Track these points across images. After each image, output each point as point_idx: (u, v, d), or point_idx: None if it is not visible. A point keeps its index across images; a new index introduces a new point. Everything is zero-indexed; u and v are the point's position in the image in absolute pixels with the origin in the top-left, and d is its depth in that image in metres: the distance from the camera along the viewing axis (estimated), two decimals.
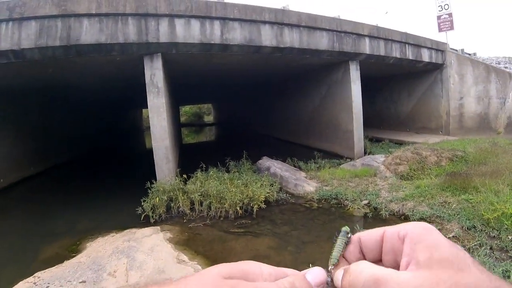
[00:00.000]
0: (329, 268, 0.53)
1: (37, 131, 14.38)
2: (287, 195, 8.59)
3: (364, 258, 0.54)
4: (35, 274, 4.94)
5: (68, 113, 18.16)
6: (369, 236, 0.53)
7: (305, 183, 9.04)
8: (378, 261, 0.52)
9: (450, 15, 17.73)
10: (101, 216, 8.10)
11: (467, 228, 5.52)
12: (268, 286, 0.46)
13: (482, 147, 10.17)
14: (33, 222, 8.10)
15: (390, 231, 0.50)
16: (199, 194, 7.69)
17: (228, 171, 9.48)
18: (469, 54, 17.62)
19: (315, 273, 0.50)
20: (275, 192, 8.32)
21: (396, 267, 0.48)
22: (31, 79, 10.99)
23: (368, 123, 14.15)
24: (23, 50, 7.53)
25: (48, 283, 4.64)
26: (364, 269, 0.46)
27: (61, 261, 5.43)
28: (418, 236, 0.46)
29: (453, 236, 5.41)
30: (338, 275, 0.50)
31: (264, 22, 9.73)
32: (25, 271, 5.13)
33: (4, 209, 9.56)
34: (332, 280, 0.51)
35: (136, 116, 40.66)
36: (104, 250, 5.76)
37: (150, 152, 9.11)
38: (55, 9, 7.54)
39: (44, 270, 5.07)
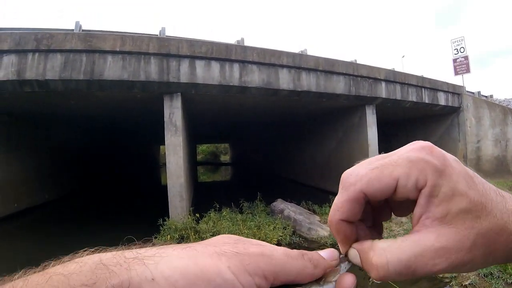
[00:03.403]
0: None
1: (54, 160, 14.69)
2: (300, 238, 8.46)
3: (372, 212, 0.52)
4: None
5: (86, 144, 18.55)
6: (378, 191, 0.45)
7: (319, 227, 8.91)
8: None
9: (466, 58, 17.85)
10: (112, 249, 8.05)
11: (484, 275, 5.44)
12: (276, 246, 0.44)
13: None
14: (41, 249, 8.08)
15: (408, 185, 0.44)
16: (211, 234, 7.63)
17: (241, 212, 9.41)
18: (486, 97, 17.59)
19: (328, 250, 0.48)
20: (288, 236, 8.20)
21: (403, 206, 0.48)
22: (53, 108, 11.28)
23: None
24: (47, 81, 7.79)
25: None
26: (387, 250, 0.43)
27: None
28: (433, 187, 0.43)
29: (469, 284, 5.32)
30: (354, 254, 0.47)
31: (282, 66, 9.92)
32: None
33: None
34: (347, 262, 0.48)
35: (153, 152, 41.13)
36: None
37: (164, 188, 9.15)
38: (80, 44, 7.86)
39: None
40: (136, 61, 8.37)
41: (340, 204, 0.48)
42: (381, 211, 0.52)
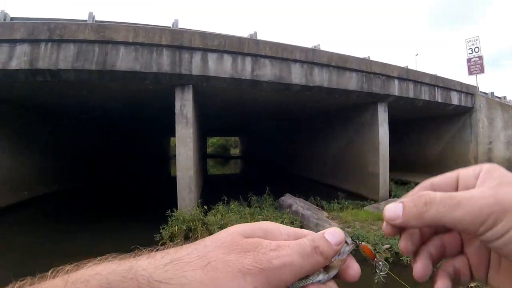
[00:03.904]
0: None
1: (66, 151, 14.87)
2: None
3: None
4: None
5: (98, 136, 18.75)
6: (443, 180, 0.51)
7: (326, 223, 8.88)
8: None
9: (480, 58, 17.59)
10: (119, 240, 8.09)
11: None
12: (289, 243, 0.45)
13: None
14: (53, 243, 8.17)
15: (465, 172, 0.49)
16: (218, 226, 7.65)
17: (249, 206, 9.42)
18: (499, 98, 17.32)
19: (334, 232, 0.49)
20: None
21: None
22: (65, 99, 11.37)
23: (394, 165, 13.92)
24: (60, 71, 7.85)
25: None
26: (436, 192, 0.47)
27: None
28: (490, 170, 0.47)
29: (475, 286, 5.23)
30: (394, 204, 0.49)
31: (295, 61, 9.87)
32: None
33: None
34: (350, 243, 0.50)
35: (163, 144, 41.36)
36: None
37: (174, 179, 9.20)
38: (93, 34, 7.91)
39: None
40: (149, 53, 8.39)
41: (411, 193, 0.51)
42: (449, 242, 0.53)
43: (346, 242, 0.49)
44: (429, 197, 0.46)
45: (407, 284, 6.02)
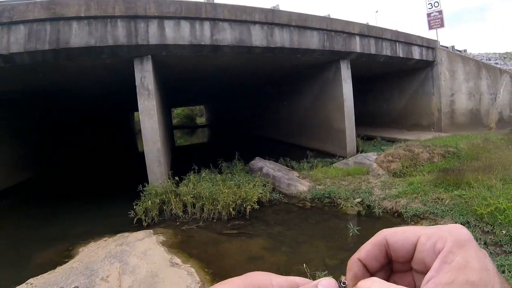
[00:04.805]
0: (342, 280, 0.49)
1: (30, 137, 14.28)
2: (280, 195, 8.58)
3: (390, 261, 0.51)
4: (28, 281, 4.90)
5: (60, 118, 18.06)
6: (399, 242, 0.48)
7: (298, 182, 9.04)
8: (408, 262, 0.49)
9: (440, 12, 17.84)
10: (94, 221, 8.03)
11: (461, 224, 5.53)
12: None
13: (474, 143, 10.24)
14: (27, 227, 8.03)
15: (427, 240, 0.46)
16: (191, 196, 7.66)
17: (220, 173, 9.45)
18: (460, 51, 17.75)
19: (327, 284, 0.46)
20: (268, 193, 8.30)
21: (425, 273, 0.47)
22: (22, 84, 10.90)
23: (360, 121, 14.19)
24: (12, 55, 7.47)
25: None
26: None
27: (54, 267, 5.38)
28: (453, 251, 0.44)
29: None
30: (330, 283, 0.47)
31: (254, 23, 9.71)
32: (18, 277, 5.07)
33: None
34: None
35: (129, 119, 40.37)
36: (96, 255, 5.72)
37: (142, 155, 9.07)
38: (44, 12, 7.49)
39: (37, 277, 5.03)
40: (103, 26, 8.05)
41: (363, 245, 0.50)
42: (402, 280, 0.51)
43: None
44: None
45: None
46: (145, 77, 8.74)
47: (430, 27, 18.01)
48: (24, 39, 7.41)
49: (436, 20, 17.88)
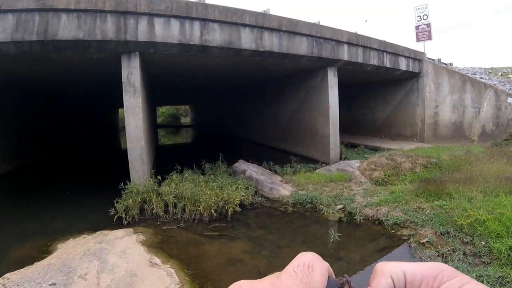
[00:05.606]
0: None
1: (11, 129, 13.95)
2: (263, 198, 8.58)
3: None
4: (4, 276, 4.77)
5: (44, 111, 17.72)
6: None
7: (280, 187, 9.05)
8: None
9: (428, 25, 18.19)
10: (74, 217, 7.90)
11: (441, 234, 5.59)
12: None
13: (456, 155, 10.39)
14: (4, 222, 7.84)
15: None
16: (173, 196, 7.59)
17: (203, 174, 9.40)
18: (446, 64, 18.06)
19: None
20: (250, 196, 8.30)
21: None
22: (7, 76, 10.70)
23: (344, 129, 14.33)
24: None
25: (18, 285, 4.49)
26: None
27: (31, 263, 5.26)
28: None
29: (426, 242, 5.50)
30: None
31: (245, 25, 9.73)
32: None
33: None
34: None
35: (112, 116, 39.90)
36: (75, 252, 5.61)
37: (125, 152, 8.97)
38: (33, 2, 7.35)
39: (14, 272, 4.90)
40: (92, 20, 7.93)
41: None
42: None
43: None
44: None
45: (360, 241, 6.29)
46: (132, 73, 8.65)
47: (418, 39, 18.35)
48: (12, 29, 7.27)
49: (424, 32, 18.22)
